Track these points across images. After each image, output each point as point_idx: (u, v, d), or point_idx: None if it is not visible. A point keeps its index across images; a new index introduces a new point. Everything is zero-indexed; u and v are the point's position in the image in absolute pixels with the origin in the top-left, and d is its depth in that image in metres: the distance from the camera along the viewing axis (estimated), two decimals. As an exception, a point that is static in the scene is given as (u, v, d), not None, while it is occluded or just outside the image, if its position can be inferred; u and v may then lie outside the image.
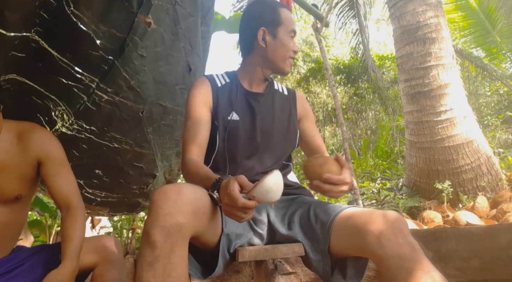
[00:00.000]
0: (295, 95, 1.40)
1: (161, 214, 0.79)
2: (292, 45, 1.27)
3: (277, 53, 1.27)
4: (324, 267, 1.00)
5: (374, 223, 0.89)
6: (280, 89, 1.40)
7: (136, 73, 1.67)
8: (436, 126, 3.80)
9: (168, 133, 2.13)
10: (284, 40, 1.26)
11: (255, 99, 1.28)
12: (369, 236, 0.88)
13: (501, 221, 2.98)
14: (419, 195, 4.12)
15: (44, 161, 1.23)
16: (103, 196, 2.12)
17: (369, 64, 6.35)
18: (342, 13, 6.00)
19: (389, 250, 0.84)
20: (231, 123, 1.21)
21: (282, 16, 1.27)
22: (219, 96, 1.25)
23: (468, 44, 7.52)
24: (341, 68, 8.78)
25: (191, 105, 1.22)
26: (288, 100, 1.37)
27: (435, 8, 3.98)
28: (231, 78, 1.32)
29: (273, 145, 1.25)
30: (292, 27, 1.28)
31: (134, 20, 1.52)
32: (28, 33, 1.31)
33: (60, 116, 1.61)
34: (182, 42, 1.85)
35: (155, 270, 0.76)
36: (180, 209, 0.80)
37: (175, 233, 0.78)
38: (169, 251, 0.77)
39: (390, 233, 0.86)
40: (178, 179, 2.68)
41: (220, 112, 1.22)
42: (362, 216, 0.94)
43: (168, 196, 0.81)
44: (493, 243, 1.73)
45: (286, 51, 1.26)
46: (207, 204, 0.90)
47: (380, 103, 8.51)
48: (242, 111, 1.25)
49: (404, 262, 0.82)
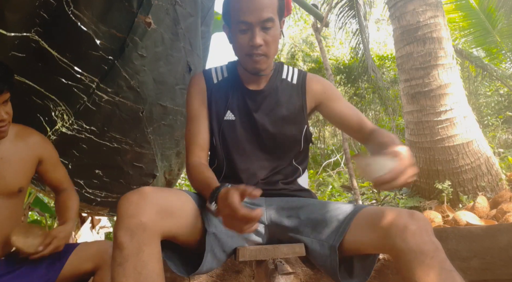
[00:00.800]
0: (305, 81, 1.23)
1: (124, 217, 0.81)
2: (244, 40, 1.07)
3: (236, 52, 1.15)
4: (332, 263, 0.98)
5: (400, 218, 0.88)
6: (290, 77, 1.24)
7: (136, 73, 1.67)
8: (436, 126, 3.80)
9: (168, 133, 2.13)
10: (234, 36, 1.11)
11: (252, 98, 1.18)
12: (393, 229, 0.87)
13: (501, 221, 2.98)
14: (419, 195, 4.13)
15: (44, 159, 1.39)
16: (103, 196, 2.12)
17: (369, 64, 6.34)
18: (342, 13, 5.99)
19: (412, 244, 0.83)
20: (226, 123, 1.16)
21: (231, 5, 1.10)
22: (214, 94, 1.18)
23: (468, 44, 7.53)
24: (341, 68, 8.78)
25: (190, 104, 1.18)
26: (296, 90, 1.22)
27: (435, 8, 3.98)
28: (230, 72, 1.23)
29: (274, 146, 1.18)
30: (239, 17, 1.06)
31: (134, 20, 1.52)
32: (28, 33, 1.31)
33: (60, 116, 1.61)
34: (182, 42, 1.85)
35: (125, 270, 0.78)
36: (142, 210, 0.82)
37: (140, 233, 0.80)
38: (137, 250, 0.79)
39: (415, 229, 0.85)
40: (178, 179, 2.68)
41: (214, 111, 1.17)
42: (388, 212, 0.92)
43: (130, 200, 0.84)
44: (493, 243, 1.73)
45: (240, 49, 1.10)
46: (177, 204, 0.91)
47: (380, 103, 8.51)
48: (239, 110, 1.18)
49: (426, 258, 0.81)
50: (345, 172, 6.08)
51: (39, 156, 1.37)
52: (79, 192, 1.99)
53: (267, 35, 1.07)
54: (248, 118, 1.17)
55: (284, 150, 1.20)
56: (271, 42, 1.09)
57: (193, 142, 1.13)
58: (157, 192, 0.88)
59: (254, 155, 1.17)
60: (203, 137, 1.15)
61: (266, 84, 1.20)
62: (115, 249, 0.80)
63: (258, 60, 1.09)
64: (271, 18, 1.06)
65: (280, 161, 1.19)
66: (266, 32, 1.07)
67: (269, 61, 1.13)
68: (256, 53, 1.08)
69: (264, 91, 1.19)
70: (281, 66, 1.25)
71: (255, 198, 0.81)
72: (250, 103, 1.18)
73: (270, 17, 1.05)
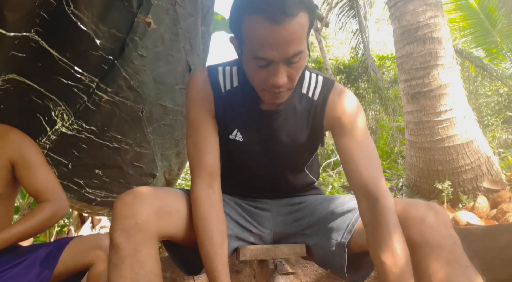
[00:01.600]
0: (327, 99, 0.98)
1: (119, 218, 0.81)
2: (262, 75, 0.82)
3: (249, 78, 0.89)
4: (340, 260, 0.96)
5: (418, 210, 0.85)
6: (311, 92, 0.98)
7: (136, 73, 1.67)
8: (436, 126, 3.80)
9: (168, 133, 2.13)
10: (247, 63, 0.84)
11: (265, 120, 0.98)
12: (410, 221, 0.83)
13: (501, 221, 2.97)
14: (419, 195, 4.12)
15: (16, 163, 1.25)
16: (103, 196, 2.11)
17: (369, 64, 6.35)
18: (342, 13, 6.00)
19: (429, 238, 0.80)
20: (232, 143, 0.99)
21: (245, 30, 0.79)
22: (221, 106, 0.97)
23: (468, 44, 7.52)
24: (341, 68, 8.78)
25: (194, 111, 0.96)
26: (316, 109, 0.98)
27: (435, 8, 3.98)
28: (241, 81, 0.98)
29: (283, 172, 1.06)
30: (258, 52, 0.78)
31: (134, 20, 1.52)
32: (28, 33, 1.31)
33: (60, 116, 1.61)
34: (182, 42, 1.85)
35: (121, 270, 0.77)
36: (137, 210, 0.81)
37: (135, 234, 0.79)
38: (133, 251, 0.78)
39: (433, 221, 0.82)
40: (178, 179, 2.68)
41: (221, 126, 0.98)
42: (404, 204, 0.88)
43: (124, 201, 0.83)
44: (493, 243, 1.73)
45: (255, 81, 0.86)
46: (173, 204, 0.90)
47: (380, 103, 8.50)
48: (248, 131, 0.99)
49: (443, 252, 0.79)
50: (345, 172, 6.06)
51: (10, 158, 1.23)
52: (79, 192, 1.99)
53: (292, 70, 0.82)
54: (257, 143, 1.00)
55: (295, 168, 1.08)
56: (296, 75, 0.84)
57: (200, 161, 0.94)
58: (153, 192, 0.87)
59: (261, 178, 1.07)
60: (213, 157, 0.95)
61: (283, 103, 0.96)
62: (111, 250, 0.80)
63: (279, 96, 0.87)
64: (299, 52, 0.79)
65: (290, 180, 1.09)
66: (292, 66, 0.82)
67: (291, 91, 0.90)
68: (277, 91, 0.85)
69: (280, 112, 0.97)
70: (301, 76, 0.99)
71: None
72: (263, 126, 0.98)
73: (299, 51, 0.79)
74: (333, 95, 0.98)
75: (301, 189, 1.16)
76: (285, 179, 1.08)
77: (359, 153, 0.92)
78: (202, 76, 0.98)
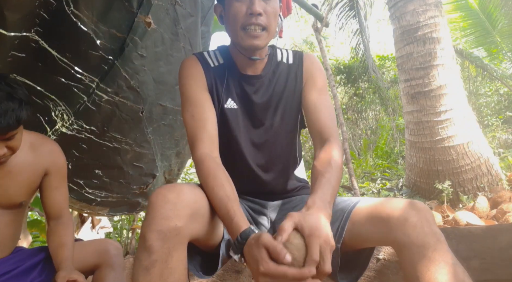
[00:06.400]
0: (302, 60, 1.13)
1: (158, 218, 0.75)
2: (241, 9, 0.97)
3: (230, 28, 1.03)
4: (333, 264, 0.96)
5: (400, 210, 0.84)
6: (285, 58, 1.14)
7: (136, 73, 1.67)
8: (436, 126, 3.80)
9: (168, 133, 2.13)
10: (229, 7, 0.99)
11: (250, 84, 1.08)
12: (393, 222, 0.83)
13: (501, 221, 2.97)
14: (419, 195, 4.12)
15: (50, 172, 1.25)
16: (103, 196, 2.12)
17: (369, 64, 6.35)
18: (342, 13, 5.99)
19: (413, 238, 0.80)
20: (229, 112, 1.05)
21: None
22: (213, 79, 1.06)
23: (468, 44, 7.53)
24: (341, 68, 8.77)
25: (188, 86, 1.03)
26: (294, 71, 1.12)
27: (435, 8, 3.98)
28: (224, 57, 1.11)
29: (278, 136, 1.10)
30: None
31: (134, 20, 1.52)
32: (28, 33, 1.31)
33: (60, 116, 1.61)
34: (182, 42, 1.85)
35: (151, 275, 0.74)
36: (179, 212, 0.76)
37: (172, 238, 0.75)
38: (166, 256, 0.74)
39: (416, 221, 0.82)
40: (177, 179, 2.68)
41: (215, 98, 1.05)
42: (386, 203, 0.88)
43: (167, 199, 0.77)
44: (493, 243, 1.73)
45: (235, 20, 0.98)
46: (205, 205, 0.86)
47: (380, 103, 8.51)
48: (239, 98, 1.08)
49: (428, 251, 0.78)
50: (345, 172, 6.08)
51: (46, 167, 1.23)
52: (79, 192, 1.99)
53: (268, 6, 0.98)
54: (250, 106, 1.08)
55: (289, 139, 1.14)
56: (271, 14, 0.99)
57: (200, 128, 0.98)
58: (192, 191, 0.82)
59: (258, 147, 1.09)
60: (212, 125, 1.00)
61: (263, 69, 1.10)
62: (143, 251, 0.75)
63: (256, 35, 0.98)
64: None
65: (285, 151, 1.13)
66: (266, 2, 0.98)
67: (268, 38, 1.02)
68: (255, 23, 0.96)
69: (262, 76, 1.10)
70: (274, 50, 1.16)
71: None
72: (249, 90, 1.08)
73: None
74: (306, 57, 1.15)
75: (294, 189, 1.16)
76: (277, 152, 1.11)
77: (321, 105, 1.08)
78: (192, 58, 1.10)
